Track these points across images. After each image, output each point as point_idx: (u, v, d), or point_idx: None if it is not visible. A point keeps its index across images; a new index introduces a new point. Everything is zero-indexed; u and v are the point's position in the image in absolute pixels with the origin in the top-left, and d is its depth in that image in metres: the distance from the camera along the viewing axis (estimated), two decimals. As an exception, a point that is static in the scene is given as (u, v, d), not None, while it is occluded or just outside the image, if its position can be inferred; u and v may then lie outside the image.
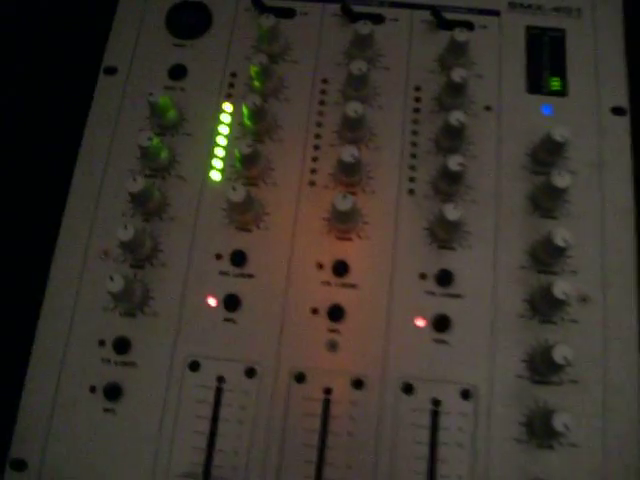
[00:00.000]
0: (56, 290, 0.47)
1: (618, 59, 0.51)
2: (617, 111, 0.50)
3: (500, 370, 0.44)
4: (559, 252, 0.44)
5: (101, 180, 0.49)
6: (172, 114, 0.49)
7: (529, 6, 0.53)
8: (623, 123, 0.50)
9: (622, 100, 0.50)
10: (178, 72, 0.52)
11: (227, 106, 0.50)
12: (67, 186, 0.49)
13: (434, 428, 0.43)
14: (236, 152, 0.46)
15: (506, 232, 0.47)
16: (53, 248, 0.48)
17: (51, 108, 0.57)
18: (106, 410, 0.44)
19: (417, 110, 0.50)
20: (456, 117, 0.45)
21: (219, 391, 0.44)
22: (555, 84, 0.50)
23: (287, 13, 0.53)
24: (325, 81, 0.51)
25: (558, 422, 0.40)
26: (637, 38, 0.52)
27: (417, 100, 0.50)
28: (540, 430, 0.42)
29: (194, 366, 0.44)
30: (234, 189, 0.44)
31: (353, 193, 0.47)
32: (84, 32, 0.53)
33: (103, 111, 0.51)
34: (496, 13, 0.52)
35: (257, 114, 0.47)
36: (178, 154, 0.49)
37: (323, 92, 0.51)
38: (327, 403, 0.43)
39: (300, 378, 0.44)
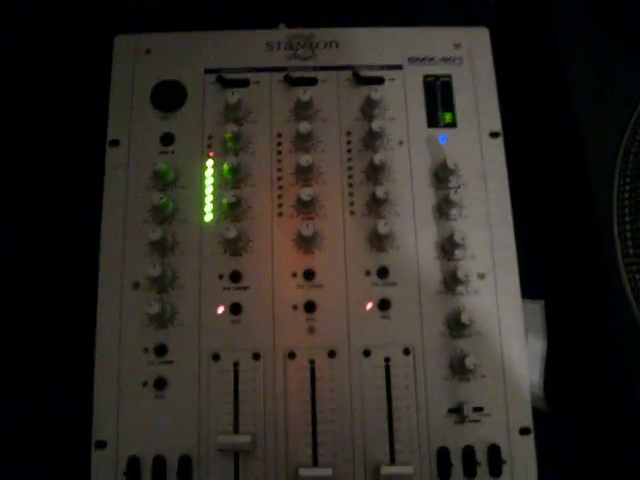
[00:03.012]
0: (105, 316, 0.58)
1: (492, 94, 0.65)
2: (493, 135, 0.64)
3: (428, 332, 0.59)
4: (458, 245, 0.60)
5: (123, 231, 0.60)
6: (170, 175, 0.61)
7: (424, 59, 0.66)
8: (498, 144, 0.64)
9: (496, 126, 0.64)
10: (167, 139, 0.63)
11: (209, 162, 0.63)
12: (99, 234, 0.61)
13: (388, 377, 0.58)
14: (224, 201, 0.60)
15: (422, 234, 0.61)
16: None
17: (78, 174, 0.70)
18: (157, 397, 0.57)
19: (349, 150, 0.63)
20: (379, 158, 0.60)
21: (236, 372, 0.57)
22: (447, 118, 0.65)
23: (243, 83, 0.65)
24: (280, 135, 0.64)
25: (469, 362, 0.57)
26: (504, 77, 0.67)
27: (348, 142, 0.63)
28: (459, 369, 0.57)
29: (216, 357, 0.57)
30: (227, 229, 0.58)
31: (311, 219, 0.61)
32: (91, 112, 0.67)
33: (114, 176, 0.62)
34: (399, 67, 0.66)
35: (235, 170, 0.61)
36: (178, 203, 0.61)
37: (279, 144, 0.63)
38: (313, 370, 0.58)
39: (292, 355, 0.58)
